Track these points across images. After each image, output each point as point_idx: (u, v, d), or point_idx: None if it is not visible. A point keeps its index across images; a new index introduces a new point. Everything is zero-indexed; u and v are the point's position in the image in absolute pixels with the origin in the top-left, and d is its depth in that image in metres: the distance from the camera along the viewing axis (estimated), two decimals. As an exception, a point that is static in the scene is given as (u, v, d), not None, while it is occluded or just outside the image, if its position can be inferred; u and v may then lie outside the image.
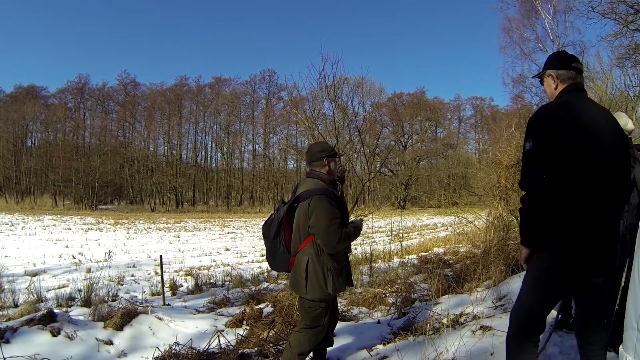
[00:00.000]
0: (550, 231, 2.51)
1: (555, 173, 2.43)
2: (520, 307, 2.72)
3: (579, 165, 2.44)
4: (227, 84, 73.45)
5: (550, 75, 2.78)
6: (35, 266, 14.40)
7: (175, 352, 4.40)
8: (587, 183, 2.45)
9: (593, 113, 2.60)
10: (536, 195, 2.50)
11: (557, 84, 2.74)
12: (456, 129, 76.53)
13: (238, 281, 10.65)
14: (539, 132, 2.52)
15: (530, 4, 23.29)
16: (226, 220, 42.31)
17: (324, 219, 3.44)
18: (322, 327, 3.66)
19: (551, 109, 2.61)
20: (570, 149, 2.43)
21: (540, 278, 2.64)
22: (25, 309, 5.65)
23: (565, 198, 2.45)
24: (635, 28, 17.62)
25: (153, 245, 21.84)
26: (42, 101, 70.09)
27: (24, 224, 31.95)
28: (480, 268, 7.07)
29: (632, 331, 2.15)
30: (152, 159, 69.04)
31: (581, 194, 2.45)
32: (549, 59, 2.90)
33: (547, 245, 2.56)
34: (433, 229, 27.64)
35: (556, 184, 2.43)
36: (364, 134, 15.36)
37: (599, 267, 2.55)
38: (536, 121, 2.57)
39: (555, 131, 2.45)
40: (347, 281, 3.71)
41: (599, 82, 20.63)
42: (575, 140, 2.43)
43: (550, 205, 2.46)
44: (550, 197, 2.45)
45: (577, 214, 2.46)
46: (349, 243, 3.67)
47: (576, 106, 2.59)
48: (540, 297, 2.63)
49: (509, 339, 2.75)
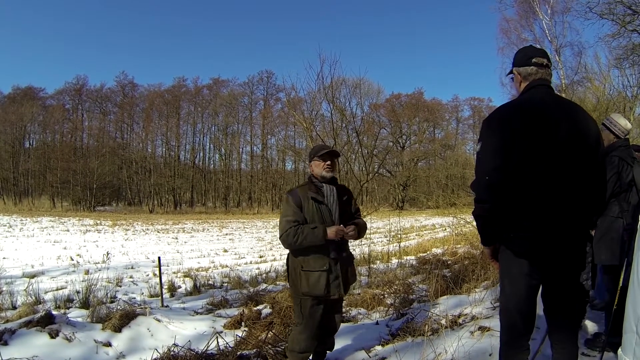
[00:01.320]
0: (501, 229, 2.54)
1: (505, 172, 2.42)
2: (500, 311, 2.77)
3: (526, 163, 2.42)
4: (225, 85, 73.53)
5: (513, 72, 2.77)
6: (33, 268, 14.38)
7: (174, 353, 4.40)
8: (535, 180, 2.43)
9: (548, 110, 2.53)
10: (481, 195, 2.52)
11: (520, 81, 2.72)
12: (454, 129, 76.70)
13: (236, 282, 10.67)
14: (487, 134, 2.54)
15: (528, 4, 23.30)
16: (224, 222, 42.28)
17: (281, 215, 3.69)
18: (305, 325, 3.69)
19: (502, 109, 2.62)
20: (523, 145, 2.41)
21: (503, 277, 2.69)
22: (24, 310, 5.65)
23: (512, 196, 2.44)
24: (632, 29, 17.67)
25: (151, 247, 21.81)
26: (40, 102, 69.93)
27: (22, 225, 31.89)
28: (479, 269, 7.09)
29: (632, 334, 2.12)
30: (150, 161, 69.05)
31: (528, 191, 2.44)
32: (514, 55, 2.86)
33: (500, 243, 2.62)
34: (431, 230, 27.65)
35: (505, 183, 2.43)
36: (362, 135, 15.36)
37: (556, 265, 2.54)
38: (487, 123, 2.58)
39: (501, 133, 2.45)
40: (322, 287, 3.60)
41: (597, 82, 20.73)
42: (522, 139, 2.42)
43: (497, 205, 2.47)
44: (496, 197, 2.46)
45: (526, 212, 2.46)
46: (296, 243, 3.52)
47: (534, 102, 2.56)
48: (508, 297, 2.65)
49: (500, 345, 2.76)
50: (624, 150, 4.00)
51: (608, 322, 3.88)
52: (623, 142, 4.09)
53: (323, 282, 3.58)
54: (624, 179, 3.86)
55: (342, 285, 3.68)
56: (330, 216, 3.66)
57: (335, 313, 3.92)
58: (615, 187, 3.86)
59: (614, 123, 4.13)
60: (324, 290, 3.59)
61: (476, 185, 2.56)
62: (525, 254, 2.52)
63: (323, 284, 3.58)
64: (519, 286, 2.59)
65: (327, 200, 3.69)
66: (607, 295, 4.04)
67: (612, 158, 3.89)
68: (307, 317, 3.68)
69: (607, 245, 3.80)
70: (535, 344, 3.14)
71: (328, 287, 3.61)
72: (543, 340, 3.53)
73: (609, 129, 4.12)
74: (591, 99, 19.27)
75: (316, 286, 3.57)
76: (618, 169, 3.87)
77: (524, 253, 2.52)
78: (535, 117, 2.48)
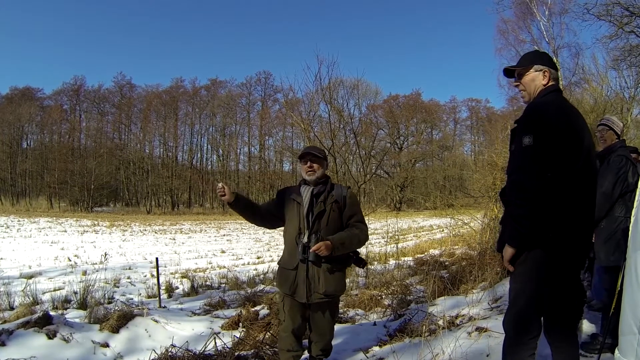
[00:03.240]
0: (540, 231, 2.46)
1: (554, 171, 2.41)
2: (513, 315, 2.67)
3: (570, 165, 2.45)
4: (223, 86, 73.38)
5: (542, 70, 2.73)
6: (30, 268, 14.32)
7: (172, 354, 4.40)
8: (576, 182, 2.47)
9: (576, 114, 2.63)
10: (535, 194, 2.41)
11: (548, 81, 2.72)
12: (452, 130, 76.67)
13: (234, 283, 10.66)
14: (540, 129, 2.46)
15: (526, 6, 23.35)
16: (222, 223, 42.16)
17: None
18: (286, 323, 3.75)
19: (549, 107, 2.56)
20: (564, 149, 2.43)
21: (529, 281, 2.59)
22: (21, 311, 5.63)
23: (559, 197, 2.43)
24: (630, 30, 17.71)
25: (149, 248, 21.76)
26: (38, 103, 69.79)
27: (19, 226, 31.78)
28: (476, 269, 7.11)
29: (632, 336, 2.09)
30: (148, 161, 68.95)
31: (571, 193, 2.46)
32: (535, 54, 2.89)
33: (536, 245, 2.52)
34: (429, 231, 27.63)
35: (553, 183, 2.41)
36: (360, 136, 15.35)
37: (580, 265, 2.57)
38: (536, 117, 2.52)
39: (553, 129, 2.44)
40: (288, 286, 3.62)
41: (594, 83, 20.77)
42: (568, 141, 2.45)
43: (545, 205, 2.42)
44: (547, 197, 2.41)
45: (566, 213, 2.46)
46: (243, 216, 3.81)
47: (565, 107, 2.60)
48: (531, 301, 2.59)
49: (506, 347, 2.71)
50: (624, 150, 4.02)
51: (605, 323, 3.89)
52: (621, 142, 4.11)
53: (290, 281, 3.61)
54: (631, 178, 3.84)
55: (307, 291, 3.57)
56: (299, 216, 3.66)
57: (322, 317, 3.78)
58: (623, 187, 3.85)
59: (615, 122, 4.15)
60: (289, 289, 3.62)
61: (527, 182, 2.45)
62: (559, 256, 2.52)
63: (290, 282, 3.61)
64: (544, 288, 2.57)
65: (303, 201, 3.67)
66: (605, 295, 4.04)
67: (619, 158, 3.89)
68: (286, 314, 3.73)
69: (616, 246, 3.76)
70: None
71: (295, 287, 3.60)
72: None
73: (612, 129, 4.13)
74: (589, 101, 19.31)
75: (283, 284, 3.65)
76: (626, 169, 3.87)
77: (559, 255, 2.51)
78: (573, 121, 2.53)
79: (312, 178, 3.69)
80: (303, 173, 3.74)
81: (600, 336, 3.88)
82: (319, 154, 3.78)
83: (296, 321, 3.72)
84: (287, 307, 3.72)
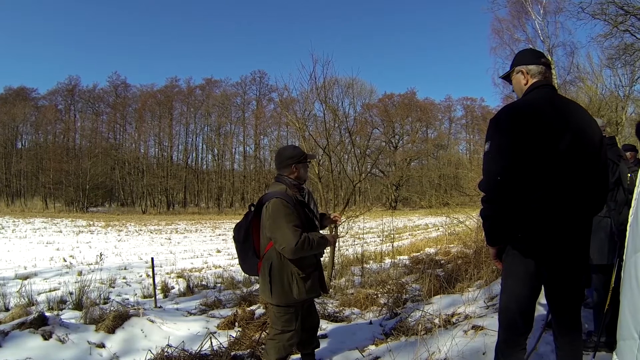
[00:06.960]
0: (509, 230, 2.55)
1: (515, 172, 2.43)
2: (500, 311, 2.77)
3: (535, 163, 2.44)
4: (217, 85, 73.32)
5: (520, 71, 2.78)
6: (26, 269, 14.29)
7: (168, 354, 4.41)
8: (550, 179, 2.46)
9: (559, 107, 2.59)
10: (495, 196, 2.51)
11: (528, 79, 2.74)
12: (447, 129, 76.83)
13: (230, 283, 10.66)
14: (497, 134, 2.54)
15: (521, 5, 23.39)
16: (217, 222, 42.14)
17: (277, 223, 3.38)
18: (295, 332, 3.62)
19: (514, 108, 2.61)
20: (533, 145, 2.43)
21: (507, 277, 2.70)
22: (17, 312, 5.61)
23: (520, 196, 2.46)
24: (625, 29, 17.80)
25: (144, 248, 21.73)
26: (33, 103, 69.46)
27: (14, 226, 31.70)
28: (472, 268, 7.12)
29: (632, 341, 2.04)
30: (143, 161, 68.72)
31: (536, 191, 2.47)
32: (517, 56, 2.91)
33: (508, 243, 2.64)
34: (424, 230, 27.70)
35: (514, 182, 2.44)
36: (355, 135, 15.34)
37: (562, 264, 2.57)
38: (496, 123, 2.57)
39: (509, 133, 2.47)
40: (317, 287, 3.65)
41: (589, 82, 20.90)
42: (530, 139, 2.43)
43: (507, 205, 2.48)
44: (505, 197, 2.47)
45: (532, 212, 2.48)
46: (308, 251, 3.40)
47: (542, 101, 2.59)
48: (511, 297, 2.67)
49: (497, 344, 2.77)
50: (609, 149, 4.03)
51: (598, 322, 3.91)
52: (608, 140, 4.12)
53: (314, 282, 3.61)
54: (610, 178, 3.86)
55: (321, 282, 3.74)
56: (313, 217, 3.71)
57: (312, 310, 3.97)
58: None
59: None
60: (317, 290, 3.65)
61: (485, 184, 2.56)
62: (533, 253, 2.55)
63: (314, 283, 3.61)
64: (524, 286, 2.62)
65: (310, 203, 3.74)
66: (595, 294, 4.07)
67: None
68: (297, 326, 3.63)
69: (596, 245, 3.78)
70: (531, 343, 3.15)
71: (322, 286, 3.69)
72: (539, 340, 3.55)
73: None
74: (584, 99, 19.41)
75: (307, 288, 3.55)
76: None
77: (532, 253, 2.55)
78: (543, 118, 2.50)
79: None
80: (305, 173, 3.78)
81: (595, 334, 3.90)
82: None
83: (304, 323, 3.75)
84: (298, 314, 3.64)
